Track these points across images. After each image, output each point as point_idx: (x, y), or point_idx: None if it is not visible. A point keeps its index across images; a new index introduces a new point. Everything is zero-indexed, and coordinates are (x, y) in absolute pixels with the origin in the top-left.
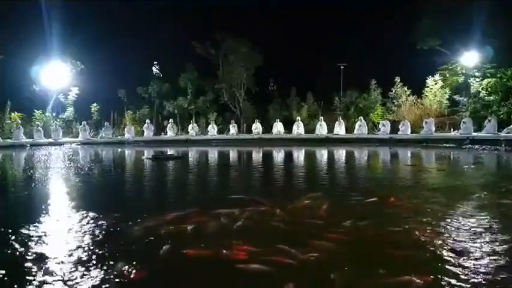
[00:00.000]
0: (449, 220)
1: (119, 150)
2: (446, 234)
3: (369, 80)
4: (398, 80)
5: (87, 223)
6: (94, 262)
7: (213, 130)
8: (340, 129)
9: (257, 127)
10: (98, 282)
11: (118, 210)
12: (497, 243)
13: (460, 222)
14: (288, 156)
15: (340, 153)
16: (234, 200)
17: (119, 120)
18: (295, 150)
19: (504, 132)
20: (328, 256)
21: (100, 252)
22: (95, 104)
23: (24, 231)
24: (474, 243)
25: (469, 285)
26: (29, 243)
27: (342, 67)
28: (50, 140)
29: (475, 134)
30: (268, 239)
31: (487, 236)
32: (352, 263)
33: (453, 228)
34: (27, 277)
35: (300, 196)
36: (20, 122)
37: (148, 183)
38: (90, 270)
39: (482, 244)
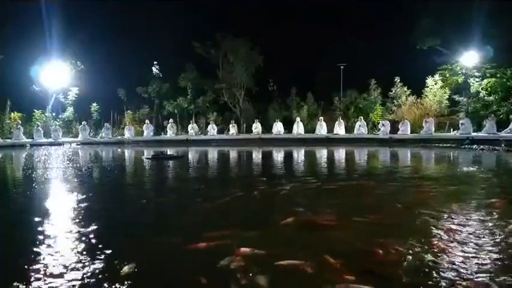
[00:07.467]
0: None
1: (119, 150)
2: None
3: (368, 80)
4: (398, 80)
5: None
6: None
7: (212, 130)
8: (340, 129)
9: (257, 127)
10: None
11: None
12: None
13: None
14: (287, 157)
15: (340, 154)
16: None
17: (118, 120)
18: (294, 150)
19: (504, 132)
20: None
21: None
22: (94, 104)
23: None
24: None
25: None
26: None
27: (342, 67)
28: (50, 140)
29: (474, 134)
30: None
31: None
32: None
33: None
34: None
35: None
36: (19, 122)
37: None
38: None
39: None
